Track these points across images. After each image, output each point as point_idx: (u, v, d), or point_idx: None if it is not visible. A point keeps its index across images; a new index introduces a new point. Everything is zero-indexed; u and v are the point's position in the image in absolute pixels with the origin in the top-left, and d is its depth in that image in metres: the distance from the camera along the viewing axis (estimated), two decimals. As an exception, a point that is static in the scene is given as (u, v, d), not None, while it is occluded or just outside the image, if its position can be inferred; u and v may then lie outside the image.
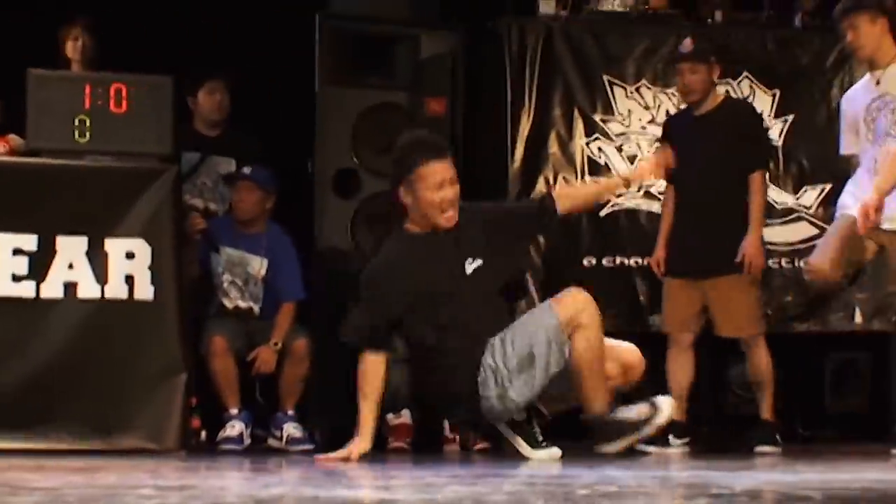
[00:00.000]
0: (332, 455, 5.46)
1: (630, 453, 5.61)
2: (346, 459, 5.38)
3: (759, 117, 7.16)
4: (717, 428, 7.47)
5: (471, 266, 5.62)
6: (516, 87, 7.60)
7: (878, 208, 5.67)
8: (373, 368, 5.48)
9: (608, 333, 5.74)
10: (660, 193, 7.26)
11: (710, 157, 6.70)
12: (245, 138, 7.50)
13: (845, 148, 6.38)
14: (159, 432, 6.10)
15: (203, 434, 6.95)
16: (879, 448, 6.26)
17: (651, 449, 6.11)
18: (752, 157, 6.74)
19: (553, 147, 7.62)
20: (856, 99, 6.40)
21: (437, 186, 5.45)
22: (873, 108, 6.30)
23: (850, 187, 6.25)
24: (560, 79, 7.62)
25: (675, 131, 6.93)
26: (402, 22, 7.77)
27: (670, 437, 6.49)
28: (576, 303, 5.48)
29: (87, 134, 6.17)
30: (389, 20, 7.75)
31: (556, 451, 5.47)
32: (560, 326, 5.39)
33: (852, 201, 6.10)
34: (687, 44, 6.81)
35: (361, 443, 5.46)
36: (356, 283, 6.88)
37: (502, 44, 7.63)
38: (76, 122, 6.16)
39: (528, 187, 7.52)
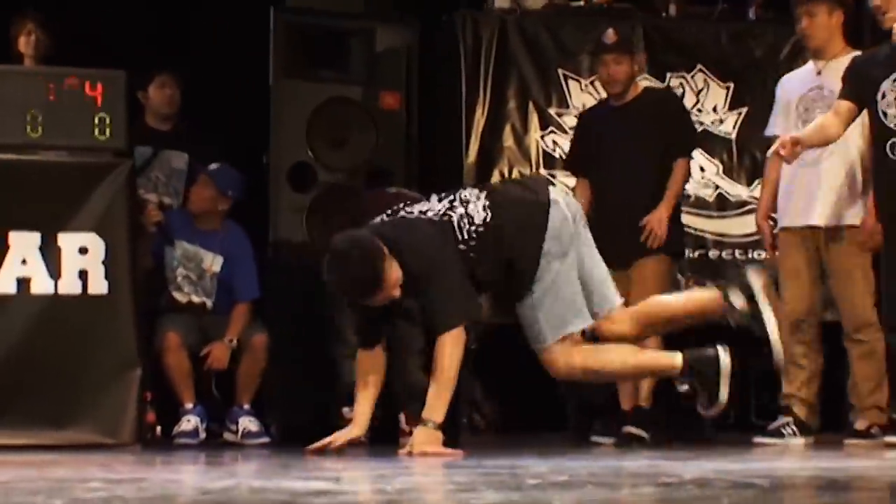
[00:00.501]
0: (318, 443, 5.44)
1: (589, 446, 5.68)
2: (331, 443, 5.40)
3: (683, 105, 7.14)
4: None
5: None
6: (471, 81, 7.61)
7: (796, 142, 5.74)
8: (366, 364, 5.53)
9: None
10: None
11: (632, 147, 6.63)
12: (198, 132, 7.51)
13: (773, 128, 6.43)
14: (114, 427, 6.07)
15: (158, 429, 6.94)
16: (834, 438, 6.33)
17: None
18: (677, 145, 6.67)
19: (508, 140, 7.64)
20: (793, 84, 6.48)
21: None
22: (808, 97, 6.36)
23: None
24: (515, 72, 7.64)
25: (593, 123, 6.87)
26: (356, 16, 7.73)
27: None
28: None
29: (40, 129, 6.14)
30: (344, 14, 7.71)
31: None
32: None
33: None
34: (610, 34, 6.72)
35: (354, 430, 5.48)
36: (310, 275, 6.93)
37: (457, 37, 7.64)
38: (28, 117, 6.13)
39: (483, 181, 7.49)
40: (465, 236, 5.27)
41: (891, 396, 6.10)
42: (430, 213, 5.38)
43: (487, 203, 5.33)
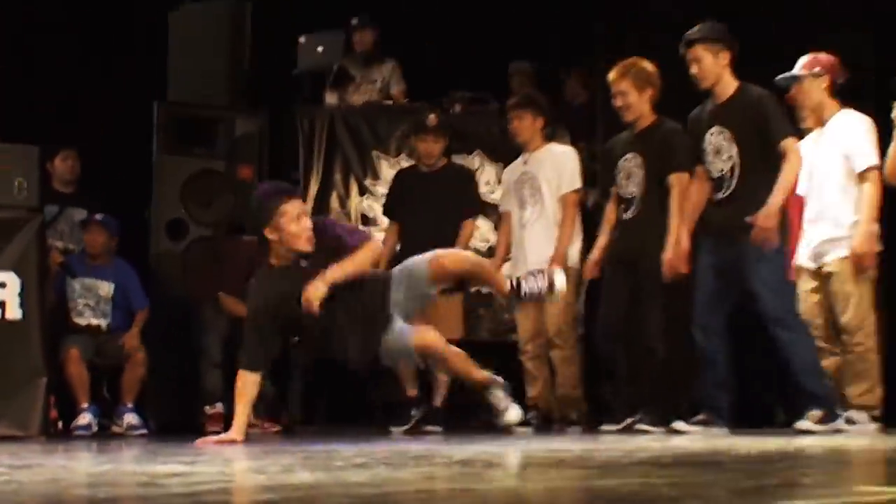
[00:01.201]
0: (210, 438, 5.18)
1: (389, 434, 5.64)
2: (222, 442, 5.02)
3: (472, 179, 7.01)
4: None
5: None
6: (307, 158, 7.61)
7: None
8: (247, 383, 5.04)
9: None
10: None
11: (435, 208, 6.49)
12: (92, 194, 7.40)
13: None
14: (25, 422, 5.96)
15: (60, 423, 6.77)
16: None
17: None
18: (465, 209, 6.58)
19: (335, 204, 7.63)
20: (506, 174, 6.47)
21: (297, 219, 5.06)
22: (519, 181, 6.41)
23: None
24: (340, 152, 7.64)
25: (406, 184, 6.74)
26: (221, 107, 7.68)
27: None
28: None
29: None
30: (211, 106, 7.66)
31: None
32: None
33: None
34: (432, 119, 6.62)
35: (233, 434, 5.00)
36: (183, 305, 6.87)
37: (297, 125, 7.65)
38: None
39: (315, 235, 7.54)
40: None
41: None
42: None
43: None
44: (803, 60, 5.63)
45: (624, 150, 5.94)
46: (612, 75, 5.88)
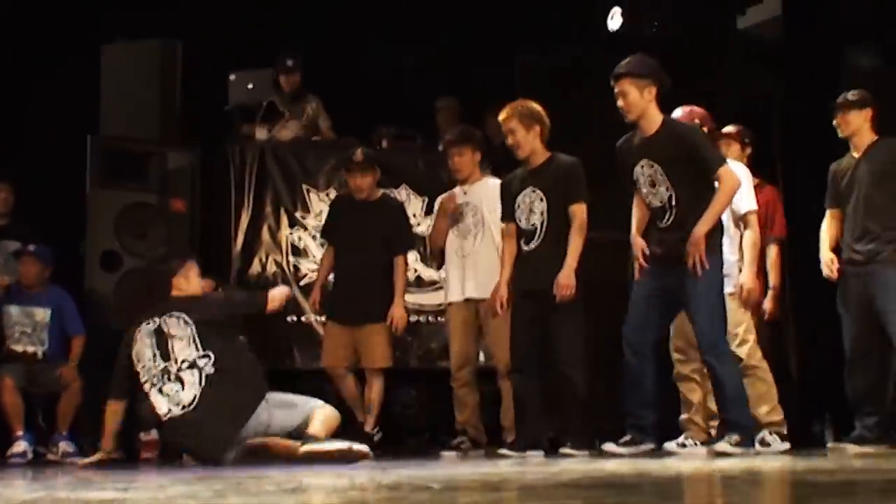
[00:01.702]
0: (87, 459, 5.68)
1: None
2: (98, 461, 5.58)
3: (405, 214, 7.10)
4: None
5: None
6: (238, 191, 7.58)
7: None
8: (114, 410, 5.67)
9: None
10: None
11: (370, 234, 6.61)
12: (26, 226, 7.37)
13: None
14: (-40, 451, 5.93)
15: (-6, 452, 6.75)
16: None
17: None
18: (399, 243, 6.70)
19: (265, 235, 7.60)
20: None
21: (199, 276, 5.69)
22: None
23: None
24: (270, 186, 7.63)
25: (341, 210, 6.83)
26: (153, 142, 7.68)
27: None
28: (331, 422, 5.45)
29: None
30: (143, 140, 7.65)
31: None
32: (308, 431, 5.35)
33: None
34: (358, 154, 6.72)
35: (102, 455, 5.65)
36: (118, 335, 6.82)
37: (228, 159, 7.62)
38: None
39: (247, 265, 7.55)
40: None
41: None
42: None
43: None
44: (679, 112, 5.84)
45: (522, 185, 6.01)
46: (501, 116, 6.02)
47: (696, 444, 5.82)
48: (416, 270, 7.73)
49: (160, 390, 5.37)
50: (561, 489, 3.31)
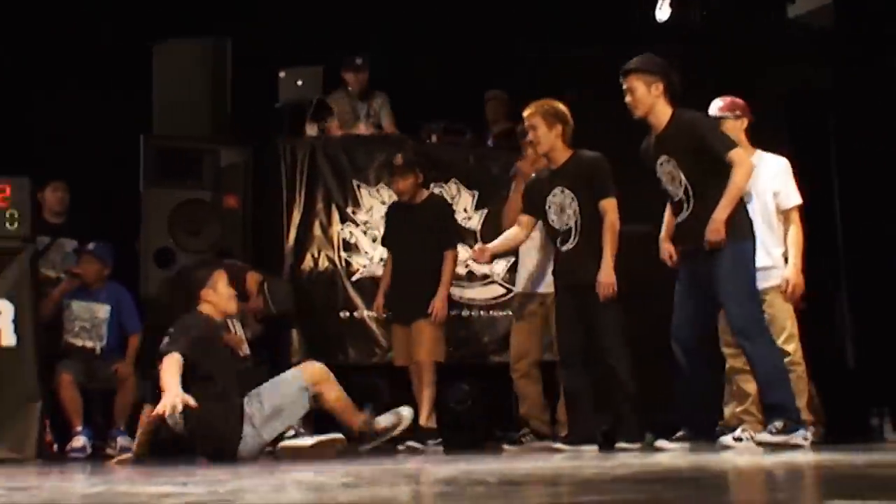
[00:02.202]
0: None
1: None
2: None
3: (451, 211, 7.20)
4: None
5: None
6: (290, 188, 7.57)
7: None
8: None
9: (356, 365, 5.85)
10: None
11: (419, 236, 6.75)
12: (82, 225, 7.41)
13: None
14: (20, 445, 5.96)
15: (55, 446, 6.77)
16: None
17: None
18: (447, 239, 6.78)
19: (317, 231, 7.58)
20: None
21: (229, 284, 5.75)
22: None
23: None
24: (321, 182, 7.61)
25: (394, 216, 7.02)
26: (206, 139, 7.69)
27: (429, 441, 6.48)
28: (314, 369, 5.60)
29: (-32, 221, 6.02)
30: (196, 138, 7.66)
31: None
32: (307, 386, 5.51)
33: None
34: (398, 158, 6.88)
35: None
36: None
37: (279, 156, 7.61)
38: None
39: (299, 261, 7.53)
40: None
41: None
42: None
43: None
44: (719, 103, 5.81)
45: (551, 186, 6.01)
46: (525, 112, 6.04)
47: (751, 437, 5.72)
48: (466, 265, 7.69)
49: None
50: (617, 484, 3.26)
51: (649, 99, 5.48)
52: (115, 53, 8.13)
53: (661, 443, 5.50)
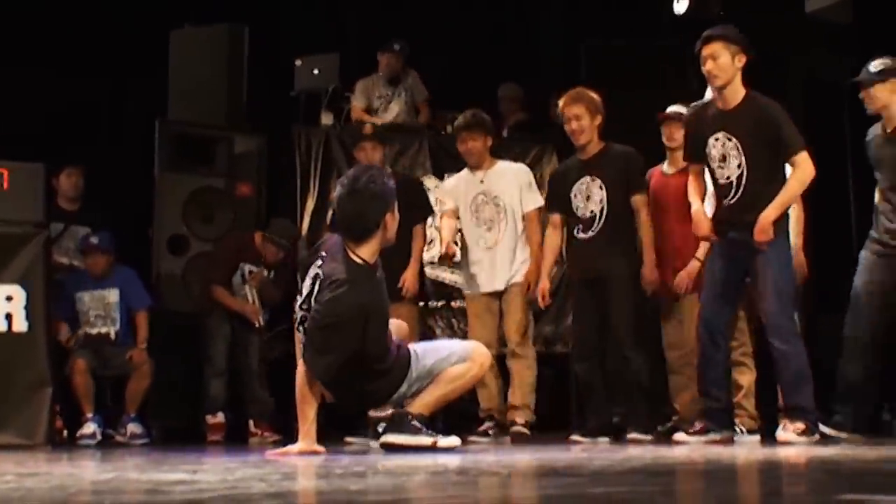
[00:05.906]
0: (279, 450, 4.73)
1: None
2: (286, 452, 4.64)
3: (413, 183, 6.78)
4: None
5: None
6: (304, 176, 7.54)
7: None
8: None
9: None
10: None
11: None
12: (96, 213, 7.35)
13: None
14: (31, 431, 5.90)
15: (65, 433, 6.72)
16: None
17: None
18: (414, 215, 6.26)
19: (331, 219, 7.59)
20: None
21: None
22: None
23: None
24: (335, 170, 7.55)
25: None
26: (220, 127, 7.64)
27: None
28: (485, 359, 4.96)
29: (-21, 207, 5.96)
30: (210, 125, 7.62)
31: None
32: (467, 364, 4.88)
33: None
34: (368, 128, 6.58)
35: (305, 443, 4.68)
36: (187, 317, 6.78)
37: (294, 145, 7.58)
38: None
39: (311, 251, 7.48)
40: None
41: None
42: None
43: None
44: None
45: (578, 174, 5.95)
46: (565, 100, 5.92)
47: (742, 431, 5.60)
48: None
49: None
50: (630, 475, 3.19)
51: (732, 69, 5.18)
52: (133, 39, 8.08)
53: (678, 436, 5.44)
